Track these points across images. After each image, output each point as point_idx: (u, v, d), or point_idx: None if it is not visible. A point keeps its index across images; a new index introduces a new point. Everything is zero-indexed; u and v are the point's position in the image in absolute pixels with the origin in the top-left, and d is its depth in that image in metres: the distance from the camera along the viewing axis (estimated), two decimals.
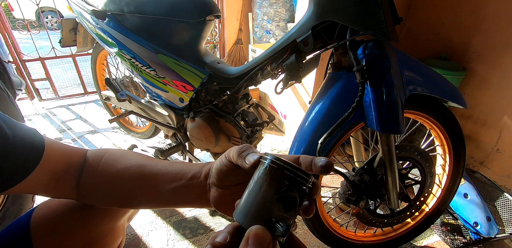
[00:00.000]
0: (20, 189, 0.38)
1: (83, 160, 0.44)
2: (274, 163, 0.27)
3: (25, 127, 0.40)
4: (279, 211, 0.25)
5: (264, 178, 0.26)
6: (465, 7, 1.39)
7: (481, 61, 1.37)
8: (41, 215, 0.46)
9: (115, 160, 0.44)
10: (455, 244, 1.12)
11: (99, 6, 1.12)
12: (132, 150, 0.53)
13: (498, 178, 1.38)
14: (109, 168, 0.43)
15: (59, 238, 0.46)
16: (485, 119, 1.41)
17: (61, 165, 0.41)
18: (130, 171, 0.42)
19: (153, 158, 0.45)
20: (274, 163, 0.27)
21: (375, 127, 0.70)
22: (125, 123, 1.83)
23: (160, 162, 0.43)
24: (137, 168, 0.42)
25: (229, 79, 0.98)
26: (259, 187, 0.26)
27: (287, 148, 1.79)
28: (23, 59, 2.10)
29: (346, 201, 0.83)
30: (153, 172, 0.41)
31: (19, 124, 0.39)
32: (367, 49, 0.68)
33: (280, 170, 0.26)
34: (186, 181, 0.39)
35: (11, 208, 0.93)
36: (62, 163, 0.42)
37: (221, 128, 1.08)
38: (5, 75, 1.09)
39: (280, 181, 0.26)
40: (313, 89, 1.52)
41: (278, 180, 0.26)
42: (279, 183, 0.26)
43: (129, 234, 1.13)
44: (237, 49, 2.95)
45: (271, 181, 0.26)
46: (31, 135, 0.39)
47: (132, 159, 0.44)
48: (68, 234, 0.46)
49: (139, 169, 0.42)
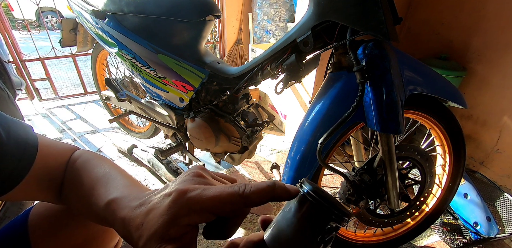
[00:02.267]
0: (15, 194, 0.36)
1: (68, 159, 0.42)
2: (316, 201, 0.24)
3: (18, 124, 0.38)
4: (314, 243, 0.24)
5: (306, 214, 0.24)
6: (465, 7, 1.39)
7: (481, 61, 1.37)
8: (38, 214, 0.46)
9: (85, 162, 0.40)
10: (455, 244, 1.12)
11: (99, 6, 1.12)
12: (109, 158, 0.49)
13: (498, 178, 1.38)
14: (77, 171, 0.39)
15: (57, 236, 0.46)
16: (485, 119, 1.41)
17: (55, 165, 0.40)
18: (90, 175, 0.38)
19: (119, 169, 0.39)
20: (317, 201, 0.24)
21: (375, 127, 0.70)
22: (125, 123, 1.83)
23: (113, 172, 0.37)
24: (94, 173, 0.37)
25: (229, 79, 0.98)
26: (299, 223, 0.24)
27: (287, 148, 1.79)
28: (23, 59, 2.10)
29: (346, 201, 0.83)
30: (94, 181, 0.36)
31: (12, 121, 0.37)
32: (367, 49, 0.68)
33: (327, 211, 0.24)
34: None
35: (11, 208, 0.93)
36: (56, 162, 0.40)
37: (221, 128, 1.08)
38: (5, 75, 1.09)
39: (324, 223, 0.24)
40: (313, 89, 1.52)
41: (323, 221, 0.24)
42: (323, 224, 0.24)
43: None
44: (237, 49, 2.95)
45: (314, 220, 0.24)
46: (24, 134, 0.37)
47: (98, 165, 0.39)
48: (65, 232, 0.46)
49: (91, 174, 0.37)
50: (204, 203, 0.23)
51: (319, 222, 0.24)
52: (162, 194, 0.25)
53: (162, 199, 0.25)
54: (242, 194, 0.23)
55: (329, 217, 0.24)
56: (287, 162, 0.83)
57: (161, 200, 0.25)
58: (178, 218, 0.23)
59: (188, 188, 0.24)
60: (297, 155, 0.79)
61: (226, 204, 0.23)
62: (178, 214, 0.23)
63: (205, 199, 0.23)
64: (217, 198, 0.23)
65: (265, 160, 1.67)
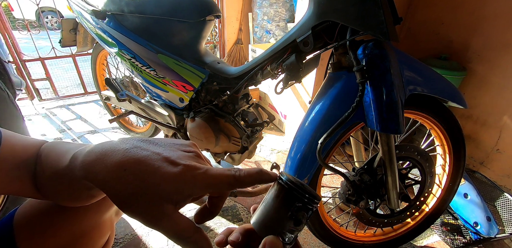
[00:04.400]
0: None
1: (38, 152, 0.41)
2: (288, 185, 0.30)
3: None
4: (290, 226, 0.30)
5: (280, 197, 0.31)
6: (465, 7, 1.39)
7: (481, 61, 1.37)
8: (23, 213, 0.46)
9: (52, 146, 0.40)
10: (455, 244, 1.12)
11: (99, 6, 1.12)
12: None
13: (498, 178, 1.38)
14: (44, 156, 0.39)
15: (43, 235, 0.45)
16: (485, 119, 1.41)
17: (24, 155, 0.39)
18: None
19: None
20: (288, 185, 0.30)
21: (375, 127, 0.70)
22: (125, 123, 1.83)
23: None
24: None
25: (229, 79, 0.98)
26: (274, 204, 0.31)
27: (287, 148, 1.79)
28: (23, 59, 2.10)
29: (346, 201, 0.83)
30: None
31: None
32: (367, 49, 0.68)
33: (293, 192, 0.30)
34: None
35: (11, 208, 0.93)
36: (25, 153, 0.39)
37: (221, 128, 1.08)
38: (5, 75, 1.09)
39: (292, 202, 0.30)
40: (313, 89, 1.52)
41: (291, 201, 0.30)
42: (291, 203, 0.30)
43: (129, 234, 1.13)
44: (237, 49, 2.95)
45: (285, 201, 0.30)
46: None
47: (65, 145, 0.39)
48: (51, 231, 0.45)
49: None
50: (207, 181, 0.28)
51: (287, 201, 0.30)
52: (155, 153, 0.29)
53: (160, 161, 0.28)
54: (237, 177, 0.29)
55: (295, 197, 0.30)
56: (287, 162, 0.83)
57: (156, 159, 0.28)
58: (184, 188, 0.28)
59: (195, 166, 0.29)
60: (297, 155, 0.79)
61: (224, 184, 0.29)
62: (184, 185, 0.28)
63: (209, 177, 0.28)
64: (218, 179, 0.29)
65: (265, 160, 1.67)
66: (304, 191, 0.30)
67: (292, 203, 0.30)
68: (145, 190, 0.27)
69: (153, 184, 0.27)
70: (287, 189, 0.30)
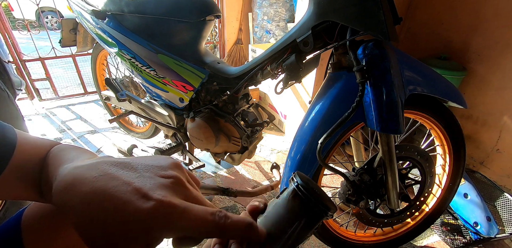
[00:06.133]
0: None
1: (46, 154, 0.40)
2: (304, 195, 0.28)
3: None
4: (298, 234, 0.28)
5: (292, 205, 0.28)
6: (465, 7, 1.39)
7: (481, 61, 1.37)
8: (31, 214, 0.45)
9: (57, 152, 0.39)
10: (455, 244, 1.12)
11: (99, 6, 1.12)
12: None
13: (498, 178, 1.38)
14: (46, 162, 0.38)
15: (51, 237, 0.45)
16: (485, 119, 1.41)
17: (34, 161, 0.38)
18: None
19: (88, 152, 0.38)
20: (305, 195, 0.28)
21: (375, 127, 0.70)
22: (125, 123, 1.83)
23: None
24: None
25: (229, 79, 0.98)
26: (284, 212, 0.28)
27: (287, 148, 1.79)
28: (23, 59, 2.10)
29: (346, 201, 0.83)
30: None
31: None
32: (367, 49, 0.68)
33: (308, 204, 0.28)
34: None
35: (11, 208, 0.93)
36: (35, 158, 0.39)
37: (221, 128, 1.08)
38: (5, 75, 1.09)
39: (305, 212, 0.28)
40: (313, 89, 1.52)
41: (304, 211, 0.28)
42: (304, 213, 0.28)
43: None
44: (237, 49, 2.95)
45: (297, 210, 0.28)
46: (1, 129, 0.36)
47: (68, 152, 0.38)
48: (59, 232, 0.45)
49: None
50: (181, 223, 0.24)
51: (300, 210, 0.28)
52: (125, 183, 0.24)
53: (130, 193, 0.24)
54: (220, 225, 0.25)
55: (309, 208, 0.28)
56: (287, 162, 0.83)
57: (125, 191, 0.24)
58: (153, 229, 0.23)
59: (170, 202, 0.24)
60: (297, 155, 0.79)
61: (202, 231, 0.24)
62: (154, 225, 0.23)
63: (184, 219, 0.24)
64: (195, 223, 0.24)
65: (265, 160, 1.67)
66: (320, 203, 0.28)
67: (305, 214, 0.28)
68: (111, 229, 0.23)
69: (119, 222, 0.23)
70: (302, 199, 0.28)
